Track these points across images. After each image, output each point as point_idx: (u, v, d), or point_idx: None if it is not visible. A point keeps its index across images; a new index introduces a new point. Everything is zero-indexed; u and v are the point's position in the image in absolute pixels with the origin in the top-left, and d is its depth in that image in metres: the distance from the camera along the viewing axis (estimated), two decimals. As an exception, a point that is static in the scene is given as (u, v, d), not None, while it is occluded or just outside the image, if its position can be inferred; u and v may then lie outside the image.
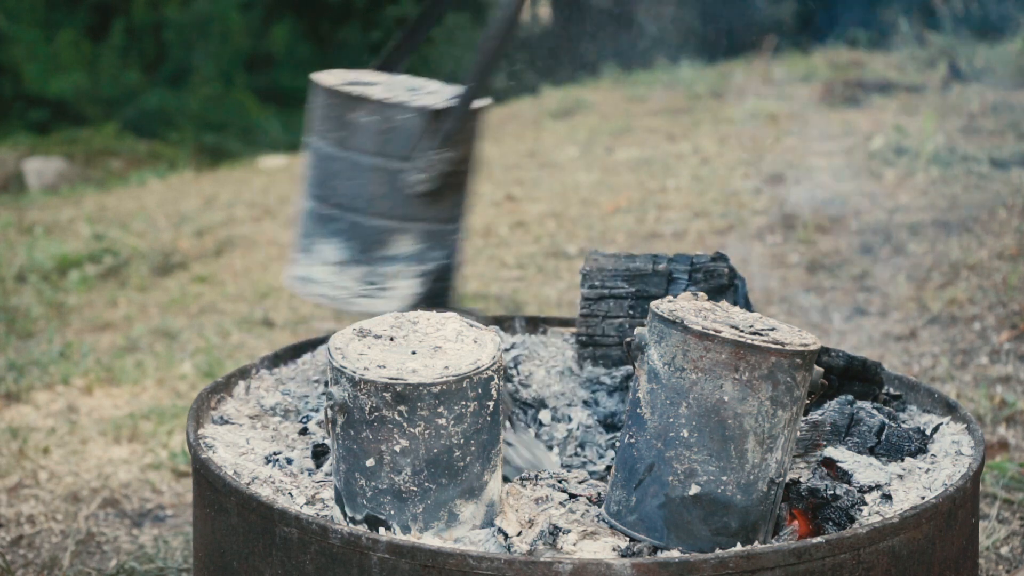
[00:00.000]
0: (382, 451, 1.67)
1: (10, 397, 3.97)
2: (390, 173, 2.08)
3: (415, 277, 2.14)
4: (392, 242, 2.12)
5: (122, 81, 12.70)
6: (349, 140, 2.10)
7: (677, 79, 9.19)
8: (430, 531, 1.70)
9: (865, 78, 7.74)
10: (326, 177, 2.13)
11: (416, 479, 1.68)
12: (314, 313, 4.84)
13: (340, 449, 1.72)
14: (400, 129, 2.08)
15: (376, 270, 2.12)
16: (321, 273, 2.14)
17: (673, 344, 1.73)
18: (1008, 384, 3.67)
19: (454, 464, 1.69)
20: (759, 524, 1.75)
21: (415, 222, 2.12)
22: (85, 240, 5.97)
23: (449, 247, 2.20)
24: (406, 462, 1.68)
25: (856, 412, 2.04)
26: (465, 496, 1.71)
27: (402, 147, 2.07)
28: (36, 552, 2.98)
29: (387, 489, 1.69)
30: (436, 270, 2.17)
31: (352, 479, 1.71)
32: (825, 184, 5.73)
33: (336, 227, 2.12)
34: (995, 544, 2.86)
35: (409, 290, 2.13)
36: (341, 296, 2.13)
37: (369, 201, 2.10)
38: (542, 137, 7.80)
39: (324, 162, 2.14)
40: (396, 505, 1.69)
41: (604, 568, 1.60)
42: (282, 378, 2.36)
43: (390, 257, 2.12)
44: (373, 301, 2.11)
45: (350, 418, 1.68)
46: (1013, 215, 5.05)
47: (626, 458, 1.78)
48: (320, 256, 2.15)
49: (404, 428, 1.66)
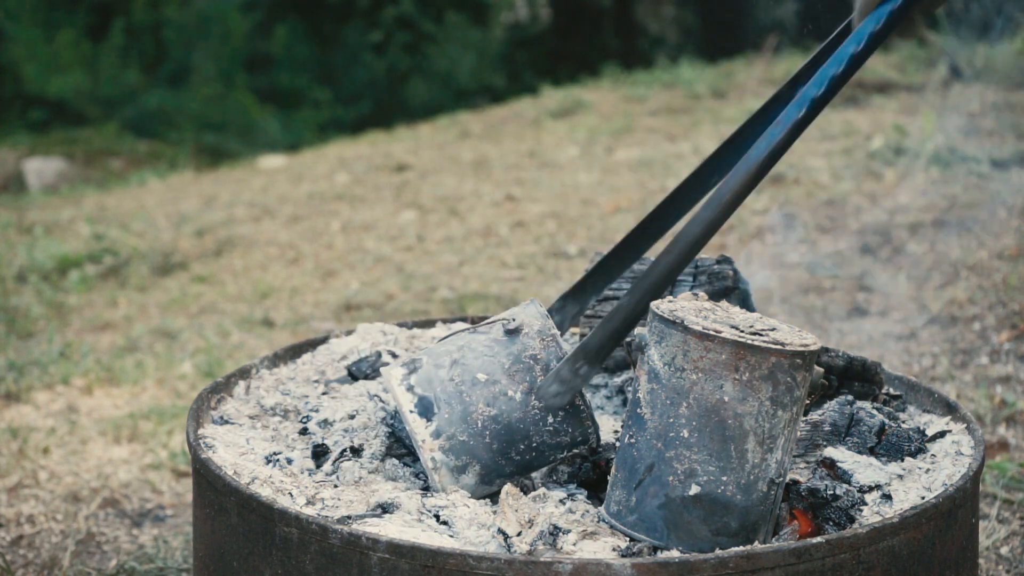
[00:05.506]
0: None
1: (10, 397, 3.97)
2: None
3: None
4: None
5: (122, 81, 12.71)
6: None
7: (677, 79, 9.20)
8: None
9: (865, 78, 7.74)
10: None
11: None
12: (314, 313, 4.84)
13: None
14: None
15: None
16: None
17: (673, 344, 1.73)
18: (1008, 384, 3.67)
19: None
20: (759, 524, 1.75)
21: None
22: (85, 240, 5.98)
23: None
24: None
25: (856, 412, 2.04)
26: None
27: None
28: (36, 552, 2.98)
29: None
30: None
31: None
32: (825, 184, 5.73)
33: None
34: (995, 544, 2.86)
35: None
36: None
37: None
38: (542, 137, 7.80)
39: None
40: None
41: (604, 568, 1.60)
42: (282, 378, 2.36)
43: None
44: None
45: None
46: (1013, 215, 5.05)
47: (626, 458, 1.78)
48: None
49: None
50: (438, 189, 6.56)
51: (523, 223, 5.81)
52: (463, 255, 5.40)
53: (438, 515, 1.83)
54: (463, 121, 8.88)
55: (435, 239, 5.72)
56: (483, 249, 5.47)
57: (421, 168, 7.16)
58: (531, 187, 6.44)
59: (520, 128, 8.25)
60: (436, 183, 6.72)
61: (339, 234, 5.95)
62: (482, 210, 6.07)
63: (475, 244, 5.55)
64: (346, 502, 1.85)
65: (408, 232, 5.85)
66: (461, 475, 1.92)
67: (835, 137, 6.53)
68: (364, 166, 7.40)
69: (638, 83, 9.37)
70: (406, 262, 5.40)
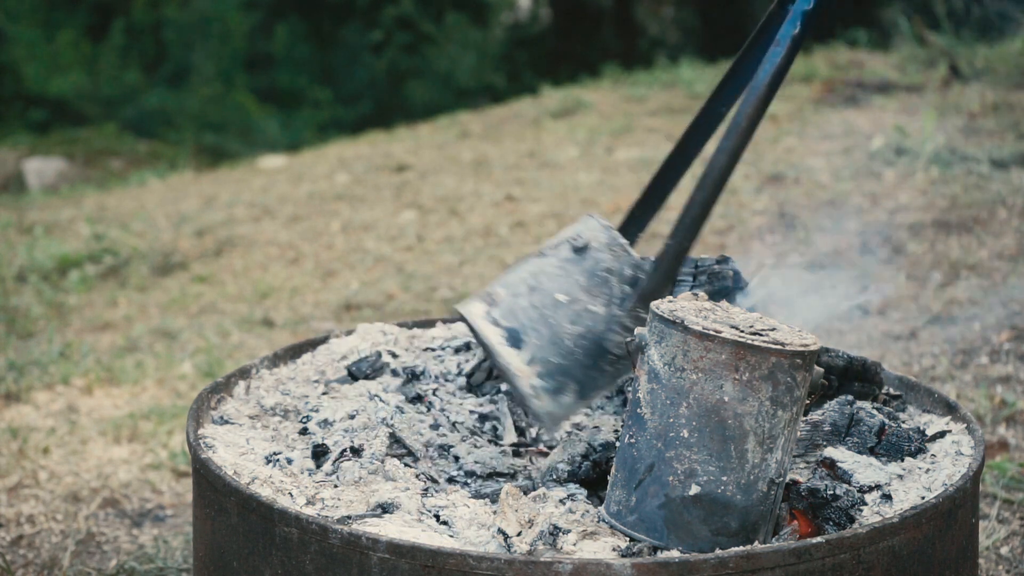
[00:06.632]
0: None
1: (10, 397, 3.97)
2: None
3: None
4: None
5: (122, 81, 12.71)
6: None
7: (677, 79, 9.19)
8: None
9: (865, 78, 7.74)
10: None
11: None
12: (314, 313, 4.84)
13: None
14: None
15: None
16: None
17: (673, 344, 1.73)
18: (1008, 384, 3.67)
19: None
20: (759, 524, 1.75)
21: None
22: (85, 240, 5.97)
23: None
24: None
25: (856, 412, 2.04)
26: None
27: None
28: (36, 552, 2.97)
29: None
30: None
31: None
32: (825, 184, 5.73)
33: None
34: (995, 544, 2.86)
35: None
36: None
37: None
38: (542, 137, 7.80)
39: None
40: None
41: (604, 568, 1.60)
42: (282, 378, 2.36)
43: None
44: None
45: None
46: (1013, 215, 5.05)
47: (626, 458, 1.78)
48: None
49: None
50: (438, 189, 6.56)
51: (523, 223, 5.80)
52: (463, 255, 5.40)
53: (438, 515, 1.83)
54: (463, 121, 8.88)
55: (435, 239, 5.72)
56: (483, 249, 5.47)
57: (421, 168, 7.16)
58: (531, 187, 6.44)
59: (520, 128, 8.24)
60: (436, 183, 6.72)
61: (339, 234, 5.95)
62: (482, 210, 6.07)
63: (475, 244, 5.55)
64: (346, 502, 1.85)
65: (408, 232, 5.85)
66: (560, 396, 1.94)
67: (835, 137, 6.52)
68: (364, 166, 7.40)
69: (638, 83, 9.36)
70: (406, 262, 5.40)
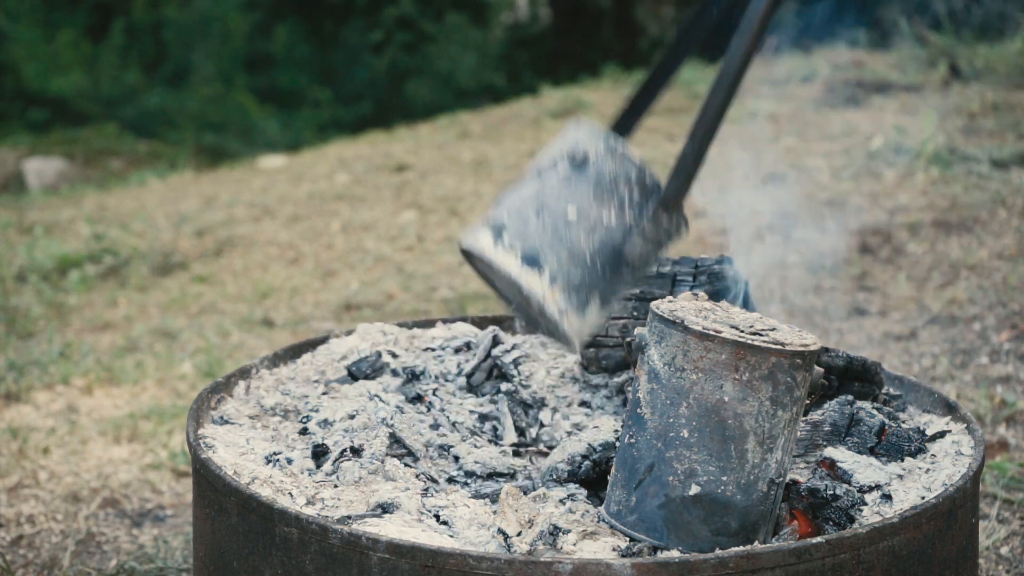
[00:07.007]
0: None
1: (10, 397, 3.97)
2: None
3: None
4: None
5: (122, 81, 12.71)
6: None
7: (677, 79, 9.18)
8: None
9: (865, 78, 7.74)
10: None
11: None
12: (314, 313, 4.84)
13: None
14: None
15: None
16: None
17: (673, 344, 1.73)
18: (1008, 384, 3.67)
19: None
20: (759, 524, 1.75)
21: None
22: (85, 240, 5.97)
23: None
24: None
25: (856, 412, 2.04)
26: None
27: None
28: (36, 552, 2.97)
29: None
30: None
31: None
32: (825, 184, 5.73)
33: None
34: (995, 544, 2.86)
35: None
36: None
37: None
38: (542, 137, 7.79)
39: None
40: None
41: (604, 568, 1.60)
42: (282, 378, 2.36)
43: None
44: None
45: None
46: (1013, 215, 5.05)
47: (626, 458, 1.78)
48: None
49: None
50: (438, 189, 6.56)
51: (523, 223, 5.80)
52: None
53: (438, 515, 1.83)
54: (463, 121, 8.88)
55: (435, 239, 5.72)
56: (483, 249, 5.46)
57: (421, 168, 7.16)
58: (531, 187, 6.43)
59: (520, 128, 8.24)
60: (436, 183, 6.72)
61: (339, 234, 5.95)
62: (482, 210, 6.06)
63: (475, 244, 5.54)
64: (346, 502, 1.85)
65: (408, 232, 5.85)
66: (586, 310, 1.94)
67: (835, 137, 6.52)
68: (364, 166, 7.40)
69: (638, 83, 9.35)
70: (406, 262, 5.40)
